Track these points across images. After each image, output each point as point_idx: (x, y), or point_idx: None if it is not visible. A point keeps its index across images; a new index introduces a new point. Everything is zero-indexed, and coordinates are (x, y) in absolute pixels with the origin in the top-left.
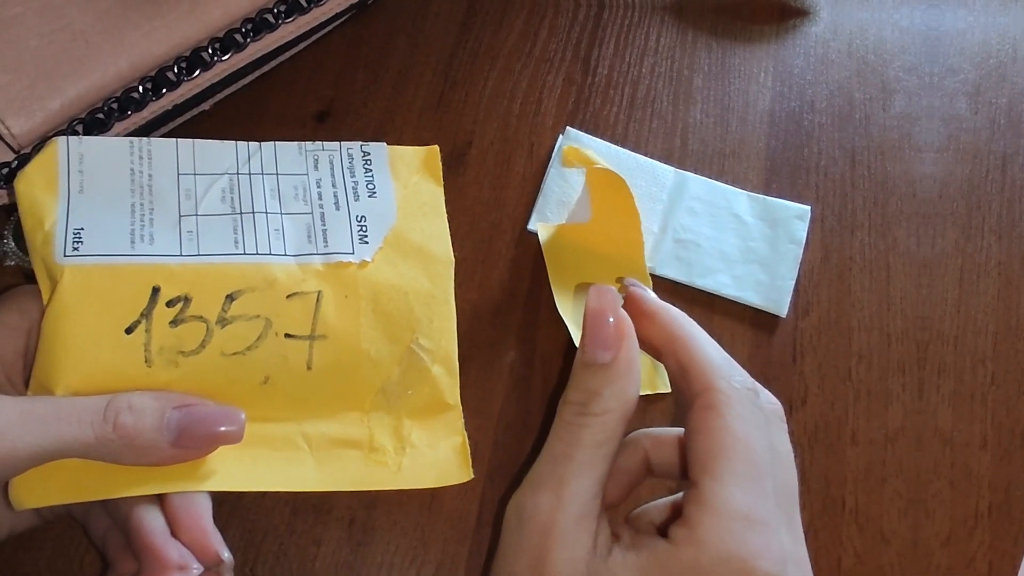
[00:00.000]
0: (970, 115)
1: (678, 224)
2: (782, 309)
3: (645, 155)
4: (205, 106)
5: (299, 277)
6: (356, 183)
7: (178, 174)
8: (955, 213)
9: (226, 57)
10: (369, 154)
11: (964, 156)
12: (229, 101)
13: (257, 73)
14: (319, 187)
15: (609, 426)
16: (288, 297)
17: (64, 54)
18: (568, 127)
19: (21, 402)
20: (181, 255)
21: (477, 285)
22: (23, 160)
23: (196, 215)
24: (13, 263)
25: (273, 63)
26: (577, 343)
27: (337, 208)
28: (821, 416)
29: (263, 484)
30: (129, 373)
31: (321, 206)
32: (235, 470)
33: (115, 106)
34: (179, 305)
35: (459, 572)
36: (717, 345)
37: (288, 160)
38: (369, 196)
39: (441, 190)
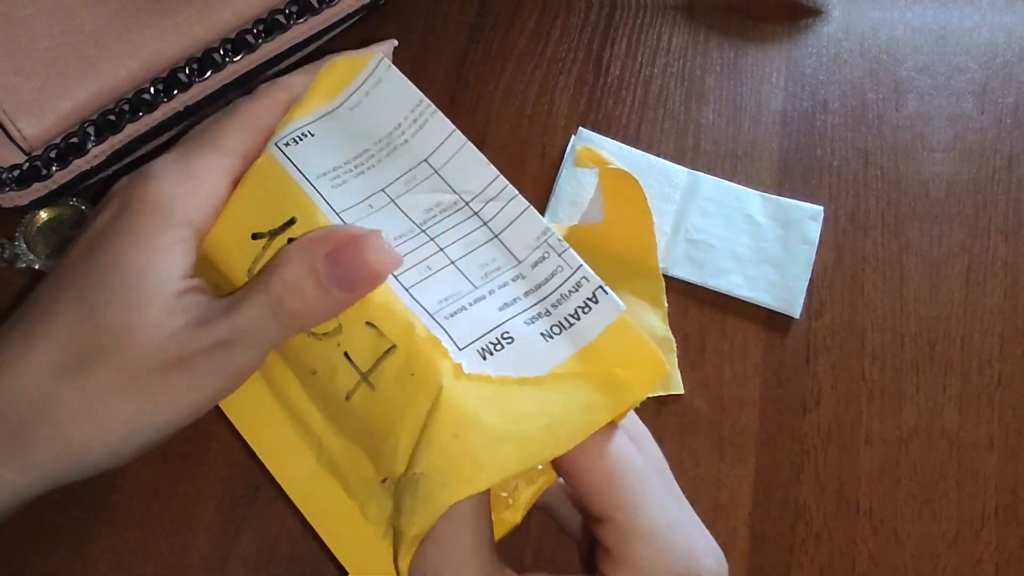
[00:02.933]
0: (977, 114)
1: (691, 225)
2: (795, 310)
3: (657, 155)
4: (217, 108)
5: (392, 315)
6: (548, 312)
7: (425, 159)
8: (961, 213)
9: (238, 58)
10: (594, 305)
11: (970, 155)
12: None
13: (269, 74)
14: (513, 282)
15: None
16: (367, 324)
17: (75, 55)
18: (580, 128)
19: (205, 335)
20: (339, 215)
21: None
22: (35, 161)
23: (392, 200)
24: (24, 265)
25: (284, 64)
26: None
27: (500, 309)
28: (835, 417)
29: (258, 443)
30: (232, 268)
31: (491, 292)
32: (249, 412)
33: (126, 107)
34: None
35: None
36: None
37: (520, 233)
38: (542, 334)
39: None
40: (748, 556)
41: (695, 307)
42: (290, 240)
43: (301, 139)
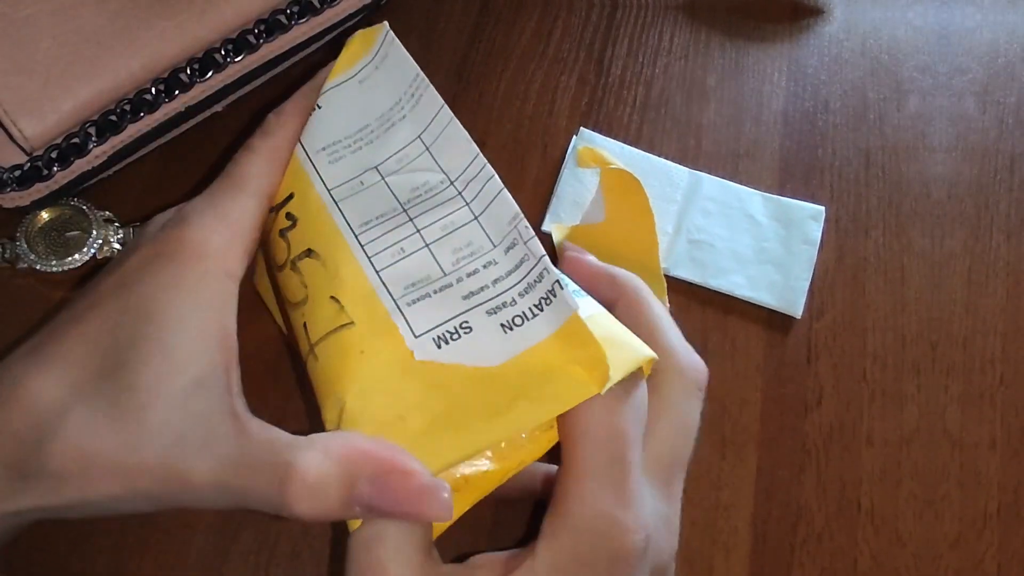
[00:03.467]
0: (978, 115)
1: (692, 225)
2: (797, 310)
3: (659, 156)
4: (218, 107)
5: (356, 294)
6: (513, 301)
7: (419, 135)
8: (963, 213)
9: (239, 58)
10: (553, 298)
11: (972, 156)
12: (242, 103)
13: (270, 74)
14: (484, 269)
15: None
16: (331, 298)
17: (76, 55)
18: (582, 128)
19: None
20: (329, 192)
21: None
22: (36, 161)
23: (383, 178)
24: (25, 266)
25: (286, 64)
26: None
27: (465, 297)
28: (836, 417)
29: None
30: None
31: (459, 280)
32: None
33: (128, 108)
34: (289, 223)
35: None
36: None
37: (496, 215)
38: (502, 325)
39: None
40: (749, 556)
41: (696, 307)
42: (287, 215)
43: (310, 112)
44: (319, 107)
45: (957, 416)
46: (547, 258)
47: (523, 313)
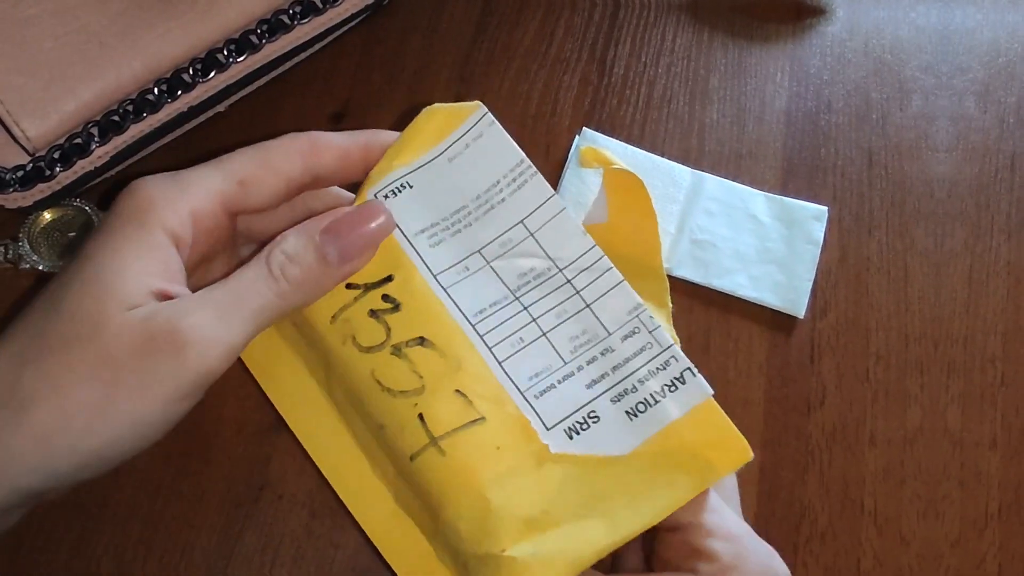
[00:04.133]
0: (979, 114)
1: (695, 225)
2: (800, 310)
3: (662, 156)
4: (220, 107)
5: (484, 388)
6: (634, 388)
7: (521, 220)
8: (964, 213)
9: (241, 59)
10: (681, 385)
11: (973, 155)
12: (244, 102)
13: (272, 74)
14: (602, 356)
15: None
16: (456, 392)
17: (79, 56)
18: (584, 128)
19: (205, 300)
20: (435, 277)
21: None
22: (38, 161)
23: (488, 263)
24: (27, 266)
25: (288, 64)
26: None
27: (589, 386)
28: (839, 417)
29: (340, 482)
30: (321, 311)
31: (580, 369)
32: (328, 443)
33: (130, 108)
34: (389, 306)
35: None
36: None
37: (612, 305)
38: (627, 412)
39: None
40: None
41: (700, 307)
42: (384, 296)
43: (400, 191)
44: (410, 186)
45: (958, 416)
46: (676, 347)
47: (649, 398)
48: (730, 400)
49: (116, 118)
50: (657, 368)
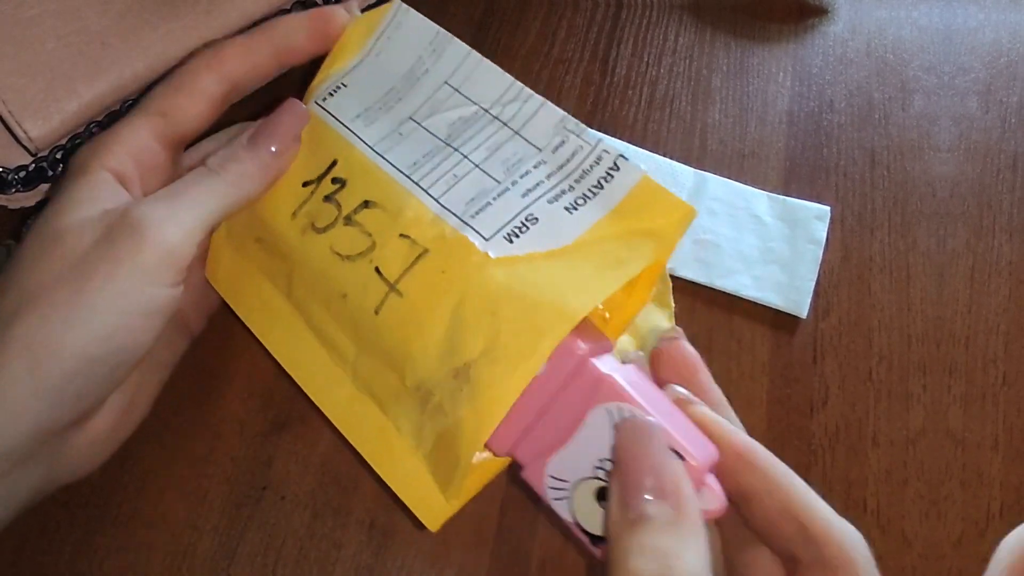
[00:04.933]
0: (981, 114)
1: (697, 225)
2: (802, 310)
3: (664, 155)
4: None
5: (423, 224)
6: (571, 187)
7: (446, 81)
8: (966, 212)
9: None
10: (615, 173)
11: (975, 155)
12: (244, 103)
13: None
14: (535, 169)
15: None
16: (400, 236)
17: (81, 56)
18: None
19: (155, 195)
20: (372, 148)
21: None
22: (41, 162)
23: (419, 124)
24: None
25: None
26: None
27: (523, 195)
28: (842, 417)
29: (302, 376)
30: (282, 212)
31: (514, 183)
32: (290, 343)
33: (132, 107)
34: (337, 186)
35: (480, 575)
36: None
37: (539, 126)
38: (566, 208)
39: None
40: None
41: (702, 307)
42: (333, 180)
43: (336, 91)
44: (344, 85)
45: (960, 416)
46: (605, 141)
47: (588, 192)
48: (732, 400)
49: (118, 118)
50: (591, 165)
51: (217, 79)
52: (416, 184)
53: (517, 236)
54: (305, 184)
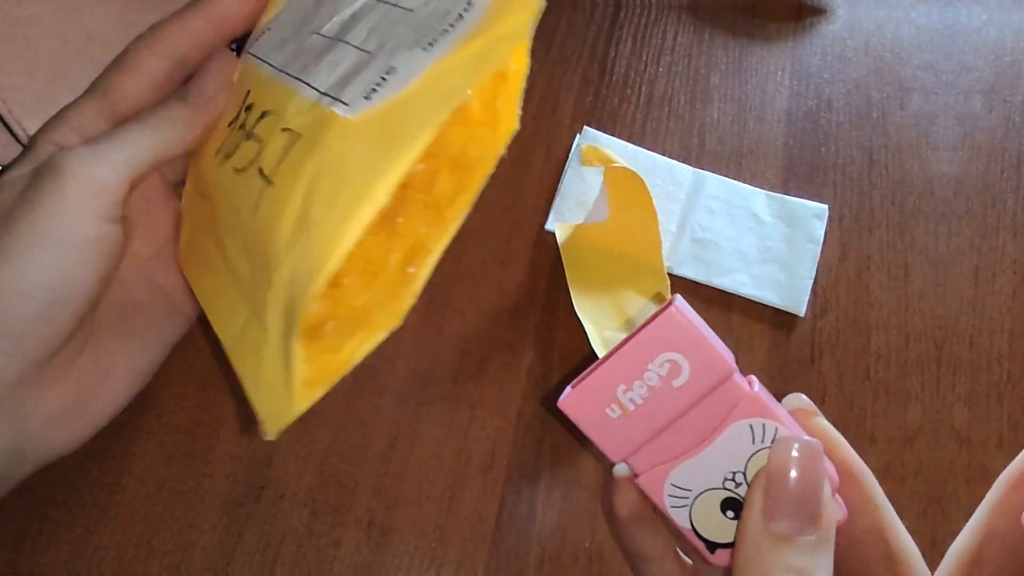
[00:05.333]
0: (985, 113)
1: (696, 223)
2: (800, 308)
3: (662, 154)
4: None
5: (302, 113)
6: (432, 29)
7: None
8: (970, 211)
9: None
10: (470, 7)
11: (979, 154)
12: None
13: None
14: (405, 29)
15: None
16: (282, 130)
17: (81, 55)
18: (585, 127)
19: (84, 145)
20: (276, 67)
21: (495, 285)
22: None
23: (318, 33)
24: None
25: None
26: (595, 344)
27: (389, 54)
28: (840, 415)
29: (213, 316)
30: (209, 156)
31: (382, 48)
32: (212, 289)
33: None
34: (247, 113)
35: (478, 573)
36: None
37: None
38: (423, 48)
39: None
40: None
41: (700, 305)
42: (246, 108)
43: (262, 35)
44: (270, 29)
45: (964, 414)
46: None
47: (448, 27)
48: None
49: None
50: (450, 7)
51: (156, 56)
52: (303, 82)
53: (375, 91)
54: (230, 124)
